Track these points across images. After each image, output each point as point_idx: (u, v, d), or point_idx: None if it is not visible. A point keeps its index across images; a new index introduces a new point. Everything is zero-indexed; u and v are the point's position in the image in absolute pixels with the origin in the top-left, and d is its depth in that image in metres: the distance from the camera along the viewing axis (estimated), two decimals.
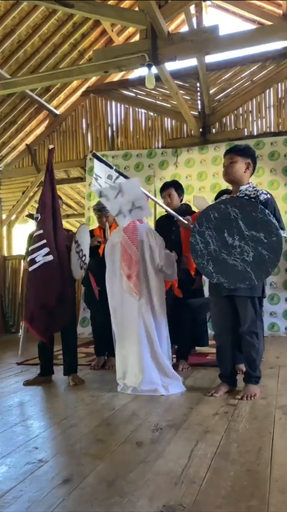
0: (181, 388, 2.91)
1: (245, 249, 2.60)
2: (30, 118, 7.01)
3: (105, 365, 3.77)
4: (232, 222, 2.63)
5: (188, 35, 4.29)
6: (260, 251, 2.57)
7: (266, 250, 2.57)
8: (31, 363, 4.03)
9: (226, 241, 2.64)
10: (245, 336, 2.72)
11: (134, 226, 3.01)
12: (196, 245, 2.72)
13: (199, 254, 2.72)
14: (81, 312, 5.96)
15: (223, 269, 2.65)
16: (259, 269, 2.59)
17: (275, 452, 1.89)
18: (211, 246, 2.67)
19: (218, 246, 2.66)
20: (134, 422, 2.33)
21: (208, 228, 2.68)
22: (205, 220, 2.70)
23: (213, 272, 2.68)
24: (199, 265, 2.74)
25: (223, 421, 2.29)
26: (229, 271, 2.64)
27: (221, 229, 2.65)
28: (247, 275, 2.60)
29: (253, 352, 2.73)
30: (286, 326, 5.33)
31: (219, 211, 2.67)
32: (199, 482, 1.64)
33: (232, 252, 2.63)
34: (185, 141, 6.30)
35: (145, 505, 1.49)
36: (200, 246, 2.70)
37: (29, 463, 1.88)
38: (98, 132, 6.89)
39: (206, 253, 2.69)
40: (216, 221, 2.67)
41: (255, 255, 2.59)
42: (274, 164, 5.68)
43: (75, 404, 2.75)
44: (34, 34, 5.83)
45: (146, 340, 2.91)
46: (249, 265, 2.60)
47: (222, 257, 2.65)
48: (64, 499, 1.56)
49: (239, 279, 2.62)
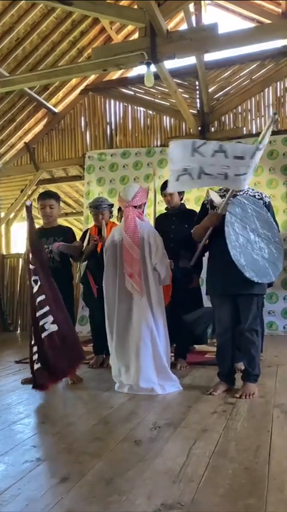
0: (177, 387, 2.91)
1: (261, 245, 2.67)
2: (29, 116, 6.99)
3: (103, 363, 3.76)
4: (250, 218, 2.69)
5: (187, 33, 4.28)
6: (271, 249, 2.67)
7: (275, 249, 2.68)
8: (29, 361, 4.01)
9: (249, 236, 2.67)
10: (245, 333, 2.72)
11: (135, 226, 3.00)
12: (230, 235, 2.60)
13: (233, 245, 2.59)
14: (80, 311, 5.95)
15: (251, 263, 2.61)
16: (273, 265, 2.67)
17: (273, 450, 1.89)
18: (240, 239, 2.64)
19: (245, 239, 2.65)
20: (133, 421, 2.33)
21: (236, 221, 2.66)
22: (232, 212, 2.66)
23: (245, 265, 2.58)
24: (234, 256, 2.58)
25: (221, 420, 2.29)
26: (254, 266, 2.61)
27: (244, 224, 2.68)
28: (266, 270, 2.65)
29: (252, 350, 2.73)
30: (284, 325, 5.34)
31: (241, 206, 2.70)
32: (197, 480, 1.64)
33: (254, 247, 2.66)
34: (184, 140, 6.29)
35: (143, 503, 1.49)
36: (233, 237, 2.61)
37: (27, 462, 1.88)
38: (96, 130, 6.88)
39: (237, 245, 2.61)
40: (240, 215, 2.68)
41: (269, 252, 2.67)
42: (272, 163, 5.68)
43: (73, 402, 2.75)
44: (33, 32, 5.80)
45: (145, 338, 2.90)
46: (267, 261, 2.66)
47: (248, 251, 2.63)
48: (62, 497, 1.56)
49: (263, 274, 2.64)
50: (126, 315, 2.98)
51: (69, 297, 3.44)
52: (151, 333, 2.91)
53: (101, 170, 6.47)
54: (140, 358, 2.88)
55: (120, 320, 3.00)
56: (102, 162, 6.49)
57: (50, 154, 7.13)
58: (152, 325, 2.92)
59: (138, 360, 2.88)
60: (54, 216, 3.50)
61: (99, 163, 6.50)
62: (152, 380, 2.86)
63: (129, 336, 2.95)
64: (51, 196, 3.50)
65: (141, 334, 2.90)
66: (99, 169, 6.48)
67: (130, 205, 3.04)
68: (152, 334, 2.92)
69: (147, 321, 2.91)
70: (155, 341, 2.92)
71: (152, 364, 2.90)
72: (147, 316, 2.92)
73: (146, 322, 2.91)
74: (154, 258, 2.99)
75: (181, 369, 3.48)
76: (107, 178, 6.41)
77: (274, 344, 4.52)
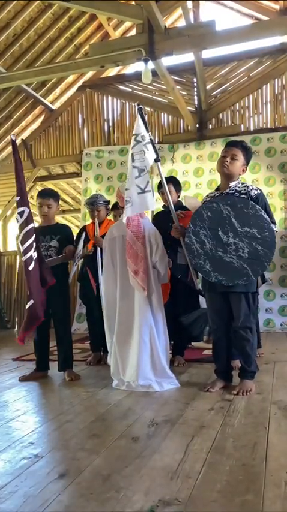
0: (175, 384, 2.91)
1: (240, 245, 2.62)
2: (26, 113, 6.97)
3: (101, 361, 3.76)
4: (225, 220, 2.66)
5: (185, 29, 4.27)
6: (255, 246, 2.60)
7: (261, 245, 2.60)
8: (27, 358, 4.02)
9: (221, 239, 2.66)
10: (239, 330, 2.73)
11: (138, 222, 2.99)
12: (191, 245, 2.74)
13: (195, 254, 2.73)
14: (77, 308, 5.96)
15: (220, 267, 2.66)
16: (255, 264, 2.61)
17: (270, 446, 1.90)
18: (206, 245, 2.69)
19: (214, 244, 2.68)
20: (130, 418, 2.33)
21: (202, 228, 2.71)
22: (198, 220, 2.73)
23: (211, 271, 2.69)
24: (197, 265, 2.76)
25: (219, 416, 2.30)
26: (226, 269, 2.65)
27: (215, 228, 2.68)
28: (244, 271, 2.62)
29: (247, 347, 2.73)
30: (282, 322, 5.35)
31: (211, 210, 2.70)
32: (194, 477, 1.64)
33: (227, 250, 2.64)
34: (182, 137, 6.29)
35: (140, 500, 1.49)
36: (196, 246, 2.72)
37: (25, 458, 1.88)
38: (94, 127, 6.86)
39: (202, 252, 2.70)
40: (210, 220, 2.70)
41: (250, 251, 2.61)
42: (270, 161, 5.68)
43: (71, 399, 2.75)
44: (30, 28, 5.78)
45: (144, 336, 2.89)
46: (245, 261, 2.61)
47: (218, 255, 2.66)
48: (60, 494, 1.56)
49: (237, 276, 2.64)
50: (127, 313, 2.98)
51: (65, 293, 3.44)
52: (149, 331, 2.91)
53: (98, 167, 6.46)
54: (139, 356, 2.88)
55: (122, 318, 2.99)
56: (100, 159, 6.48)
57: (47, 151, 7.12)
58: (151, 323, 2.92)
59: (137, 357, 2.88)
60: (51, 216, 3.48)
61: (96, 160, 6.49)
62: (150, 377, 2.87)
63: (129, 334, 2.95)
64: (50, 195, 3.49)
65: (140, 332, 2.89)
66: (97, 166, 6.47)
67: None
68: (151, 332, 2.91)
69: (146, 319, 2.91)
70: (154, 339, 2.92)
71: (150, 362, 2.90)
72: (146, 314, 2.92)
73: (146, 320, 2.91)
74: (154, 256, 2.99)
75: (178, 365, 3.48)
76: (105, 176, 6.40)
77: (271, 341, 4.53)
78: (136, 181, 2.83)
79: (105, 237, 3.22)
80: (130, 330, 2.95)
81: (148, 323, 2.91)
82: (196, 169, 6.02)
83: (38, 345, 3.38)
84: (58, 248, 3.39)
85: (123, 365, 2.96)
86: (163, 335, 3.00)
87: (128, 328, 2.96)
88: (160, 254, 3.00)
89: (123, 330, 2.98)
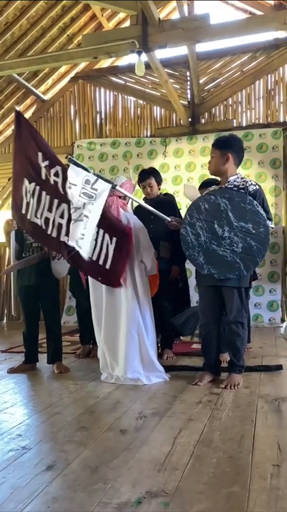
0: (163, 377, 2.92)
1: (234, 240, 2.64)
2: (18, 103, 6.87)
3: (90, 353, 3.77)
4: (221, 213, 2.66)
5: (179, 22, 4.23)
6: (249, 242, 2.62)
7: (255, 241, 2.61)
8: (16, 350, 4.01)
9: (216, 233, 2.66)
10: (230, 325, 2.75)
11: (118, 215, 2.98)
12: (187, 237, 2.73)
13: (190, 246, 2.73)
14: (67, 301, 5.94)
15: (213, 260, 2.67)
16: (247, 259, 2.63)
17: (257, 439, 1.92)
18: (201, 238, 2.69)
19: (209, 237, 2.68)
20: (119, 410, 2.34)
21: (199, 220, 2.70)
22: (195, 211, 2.72)
23: (204, 263, 2.70)
24: (190, 256, 2.75)
25: (207, 410, 2.32)
26: (219, 262, 2.66)
27: (211, 221, 2.67)
28: (236, 265, 2.64)
29: (238, 342, 2.75)
30: (270, 317, 5.40)
31: (209, 203, 2.69)
32: (181, 469, 1.66)
33: (221, 243, 2.65)
34: (174, 131, 6.27)
35: (127, 491, 1.50)
36: (191, 237, 2.72)
37: (12, 450, 1.88)
38: (86, 119, 6.81)
39: (197, 244, 2.71)
40: (206, 212, 2.69)
41: (244, 246, 2.62)
42: (261, 156, 5.70)
43: (59, 392, 2.75)
44: (22, 16, 5.68)
45: (132, 330, 2.90)
46: (238, 256, 2.63)
47: (212, 248, 2.67)
48: (47, 485, 1.56)
49: (229, 270, 2.66)
50: (113, 307, 2.97)
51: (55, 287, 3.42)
52: (137, 325, 2.91)
53: (90, 160, 6.41)
54: (126, 350, 2.88)
55: (108, 311, 2.99)
56: (92, 152, 6.43)
57: None
58: (138, 317, 2.92)
59: (125, 351, 2.89)
60: None
61: (88, 152, 6.44)
62: (138, 370, 2.88)
63: (117, 327, 2.95)
64: None
65: (127, 326, 2.90)
66: (89, 158, 6.43)
67: (115, 194, 3.02)
68: (139, 326, 2.92)
69: (134, 313, 2.91)
70: (142, 333, 2.92)
71: (138, 356, 2.91)
72: (133, 308, 2.92)
73: (133, 314, 2.91)
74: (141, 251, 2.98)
75: (167, 359, 3.50)
76: (97, 168, 6.35)
77: (259, 336, 4.57)
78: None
79: None
80: (117, 324, 2.95)
81: (135, 316, 2.91)
82: (188, 164, 6.01)
83: (27, 337, 3.37)
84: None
85: (111, 359, 2.97)
86: (150, 328, 3.00)
87: (115, 321, 2.95)
88: (147, 248, 3.00)
89: (110, 323, 2.98)
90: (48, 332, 3.37)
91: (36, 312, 3.39)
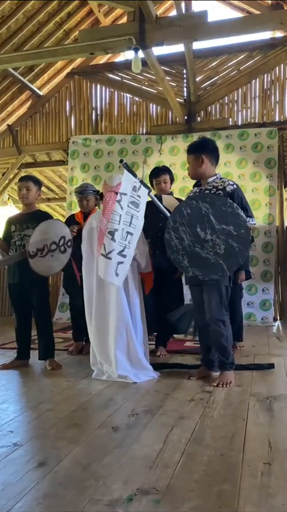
0: (151, 376, 2.91)
1: (216, 242, 2.70)
2: (13, 98, 6.84)
3: (83, 350, 3.76)
4: (203, 217, 2.72)
5: (176, 19, 4.23)
6: (231, 243, 2.68)
7: (236, 242, 2.68)
8: (8, 346, 3.99)
9: (199, 236, 2.73)
10: (211, 324, 2.76)
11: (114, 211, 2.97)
12: (171, 241, 2.81)
13: (174, 250, 2.80)
14: (60, 298, 5.93)
15: (197, 262, 2.74)
16: (230, 260, 2.70)
17: (248, 438, 1.93)
18: (185, 241, 2.77)
19: (192, 240, 2.75)
20: (111, 408, 2.34)
21: (182, 224, 2.77)
22: (178, 216, 2.80)
23: (188, 266, 2.77)
24: (175, 260, 2.82)
25: (199, 408, 2.32)
26: (202, 264, 2.73)
27: (194, 225, 2.74)
28: (220, 267, 2.70)
29: (222, 340, 2.76)
30: (262, 316, 5.43)
31: (191, 207, 2.77)
32: (173, 466, 1.66)
33: (204, 246, 2.72)
34: (170, 128, 6.27)
35: (119, 488, 1.50)
36: (175, 241, 2.79)
37: (4, 447, 1.87)
38: (81, 115, 6.78)
39: (181, 248, 2.78)
40: (189, 217, 2.76)
41: (226, 248, 2.69)
42: (257, 156, 5.71)
43: (51, 388, 2.74)
44: (18, 10, 5.65)
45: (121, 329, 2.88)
46: (221, 257, 2.69)
47: (196, 251, 2.74)
48: (38, 482, 1.56)
49: (213, 271, 2.72)
50: (103, 303, 2.97)
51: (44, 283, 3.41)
52: (126, 324, 2.90)
53: (85, 156, 6.39)
54: (115, 347, 2.87)
55: (98, 308, 2.98)
56: (87, 148, 6.40)
57: (33, 137, 7.01)
58: (128, 316, 2.91)
59: (113, 348, 2.88)
60: (30, 200, 3.36)
61: (83, 148, 6.42)
62: (127, 368, 2.87)
63: (106, 324, 2.95)
64: (29, 178, 3.43)
65: (116, 324, 2.89)
66: (84, 155, 6.40)
67: (112, 190, 3.00)
68: (127, 324, 2.91)
69: (123, 310, 2.90)
70: (130, 332, 2.90)
71: (127, 355, 2.90)
72: (123, 307, 2.91)
73: (122, 311, 2.90)
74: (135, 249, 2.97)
75: (160, 356, 3.50)
76: (92, 165, 6.34)
77: (251, 334, 4.59)
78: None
79: (85, 227, 3.18)
80: (107, 321, 2.94)
81: (124, 314, 2.90)
82: (184, 162, 5.98)
83: (18, 333, 3.36)
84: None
85: (101, 356, 2.96)
86: (140, 326, 3.00)
87: (105, 318, 2.95)
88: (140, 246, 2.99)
89: (100, 320, 2.97)
90: (39, 329, 3.36)
91: (25, 309, 3.37)
